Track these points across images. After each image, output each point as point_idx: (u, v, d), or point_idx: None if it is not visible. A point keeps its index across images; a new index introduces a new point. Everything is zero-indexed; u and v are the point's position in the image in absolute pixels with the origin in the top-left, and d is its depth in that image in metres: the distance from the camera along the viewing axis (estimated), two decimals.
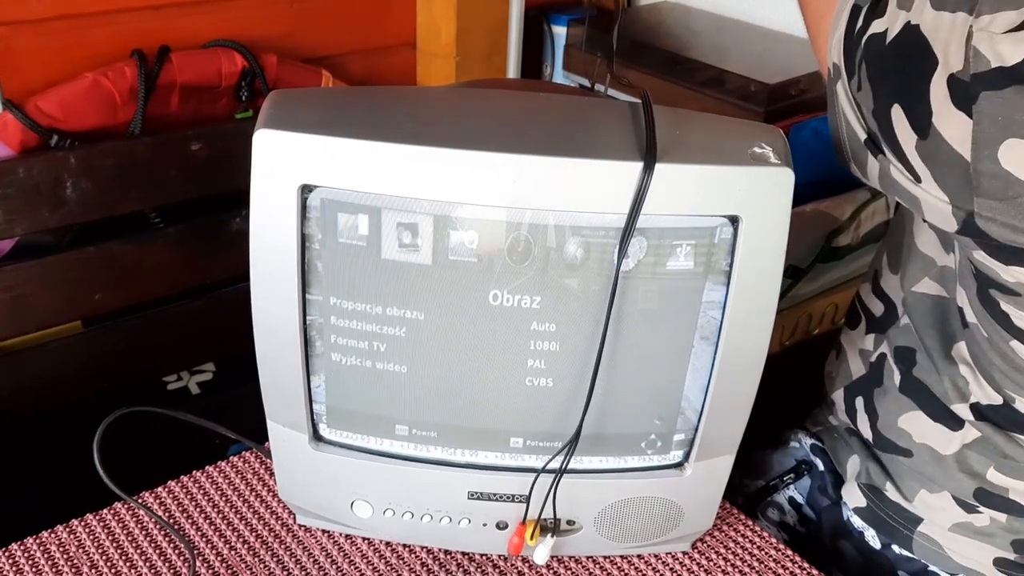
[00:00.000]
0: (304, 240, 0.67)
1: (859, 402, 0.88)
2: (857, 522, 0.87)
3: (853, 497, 0.87)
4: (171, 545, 0.81)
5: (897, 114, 0.61)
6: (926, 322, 0.80)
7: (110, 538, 0.81)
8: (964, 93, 0.56)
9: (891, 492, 0.85)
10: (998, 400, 0.75)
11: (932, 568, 0.83)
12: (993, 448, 0.77)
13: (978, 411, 0.77)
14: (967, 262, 0.71)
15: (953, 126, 0.58)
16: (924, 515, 0.83)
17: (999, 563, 0.81)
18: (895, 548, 0.85)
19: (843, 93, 0.67)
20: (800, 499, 0.96)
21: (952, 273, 0.77)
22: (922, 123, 0.59)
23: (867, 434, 0.87)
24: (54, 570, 0.78)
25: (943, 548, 0.82)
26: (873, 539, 0.86)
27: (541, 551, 0.78)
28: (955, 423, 0.79)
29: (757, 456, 1.01)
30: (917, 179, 0.63)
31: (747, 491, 1.00)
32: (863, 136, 0.67)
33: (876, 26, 0.62)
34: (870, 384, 0.87)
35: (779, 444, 0.99)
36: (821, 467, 0.94)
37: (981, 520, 0.80)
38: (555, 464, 0.74)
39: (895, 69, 0.61)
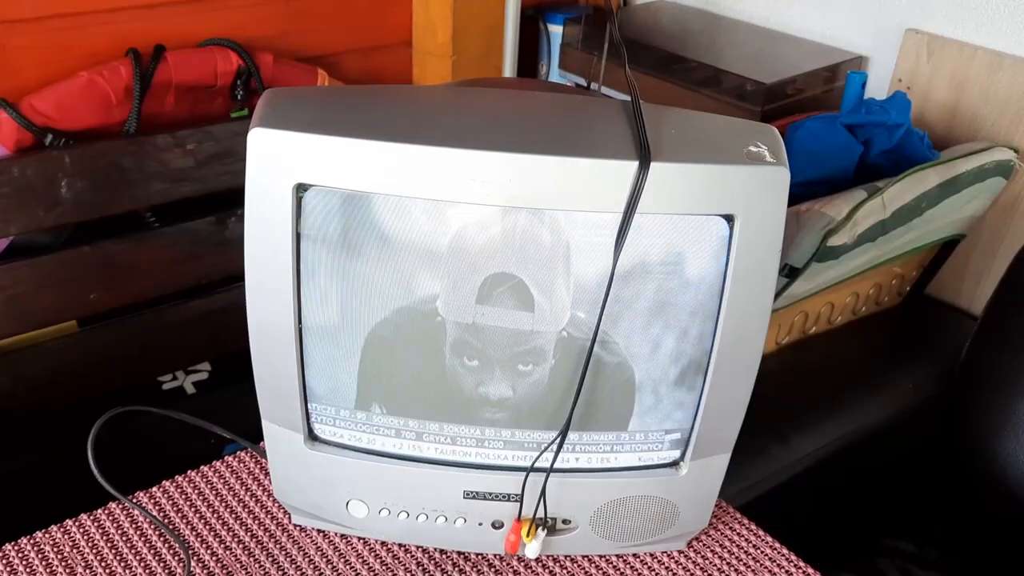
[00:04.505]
0: (299, 239, 0.67)
1: None
2: None
3: None
4: (166, 545, 0.81)
5: None
6: None
7: (104, 538, 0.81)
8: None
9: None
10: None
11: None
12: None
13: None
14: None
15: None
16: None
17: None
18: None
19: None
20: None
21: None
22: None
23: None
24: (48, 570, 0.78)
25: None
26: None
27: (533, 546, 0.78)
28: None
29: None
30: None
31: None
32: None
33: None
34: None
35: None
36: None
37: None
38: (544, 462, 0.74)
39: None
